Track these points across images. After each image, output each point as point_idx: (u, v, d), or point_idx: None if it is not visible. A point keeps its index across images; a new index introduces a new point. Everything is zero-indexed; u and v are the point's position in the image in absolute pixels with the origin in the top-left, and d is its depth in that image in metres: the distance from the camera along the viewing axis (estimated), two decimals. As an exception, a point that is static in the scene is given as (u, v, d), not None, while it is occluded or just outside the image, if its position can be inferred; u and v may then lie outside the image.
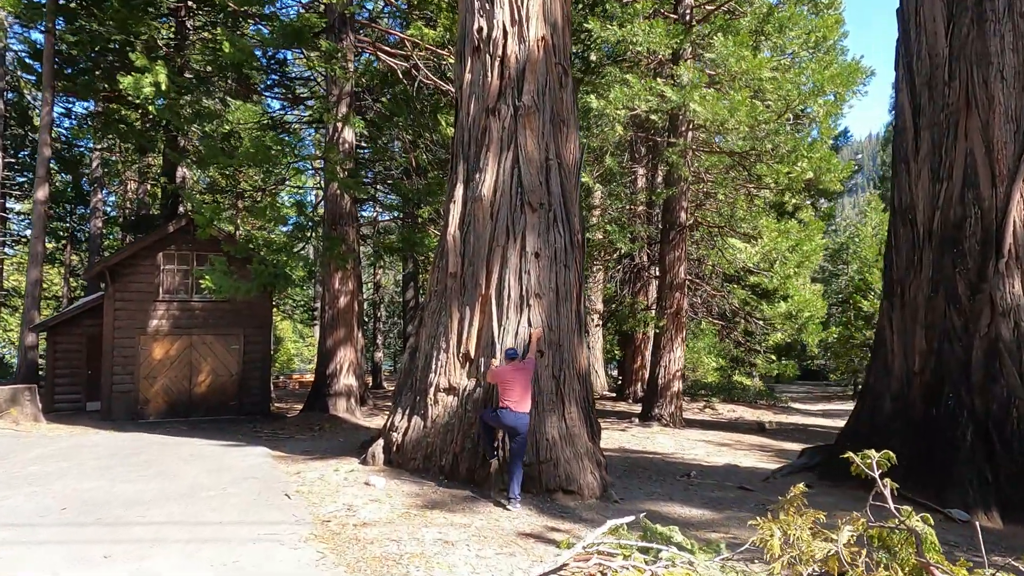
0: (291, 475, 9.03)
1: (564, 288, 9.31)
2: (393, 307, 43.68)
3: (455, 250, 9.50)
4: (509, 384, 8.10)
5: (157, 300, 17.09)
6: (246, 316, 17.71)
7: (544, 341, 8.95)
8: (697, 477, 10.58)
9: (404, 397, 9.80)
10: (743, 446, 15.73)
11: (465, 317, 9.26)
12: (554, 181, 9.53)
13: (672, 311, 18.75)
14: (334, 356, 17.04)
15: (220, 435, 13.82)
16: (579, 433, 9.03)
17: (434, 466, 9.01)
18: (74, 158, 26.10)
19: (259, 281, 13.32)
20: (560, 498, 8.52)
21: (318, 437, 13.86)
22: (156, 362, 17.05)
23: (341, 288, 17.06)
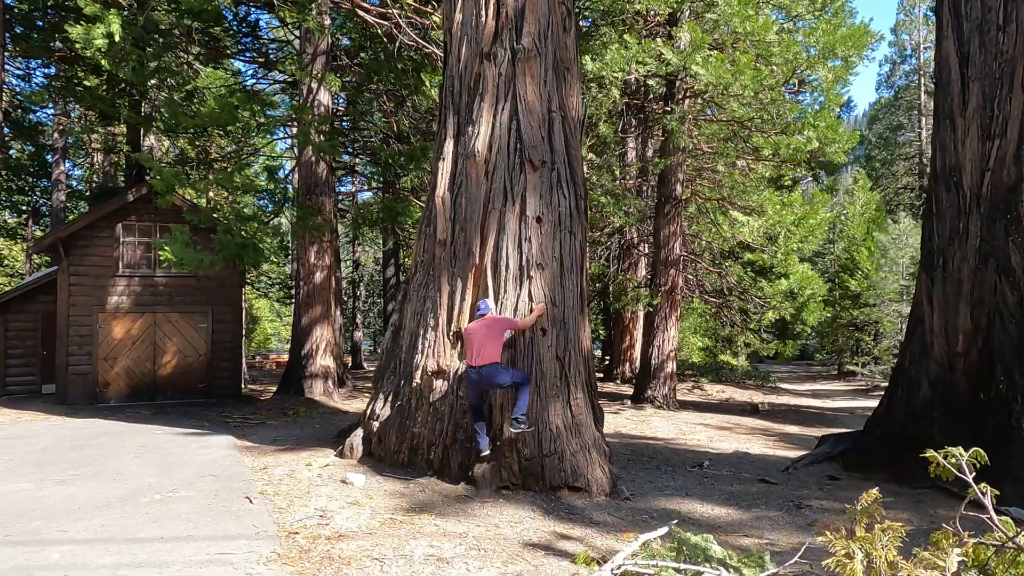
0: (256, 471, 7.74)
1: (569, 258, 8.06)
2: (373, 286, 42.18)
3: (444, 214, 8.20)
4: (469, 339, 7.29)
5: (117, 275, 15.57)
6: (215, 293, 16.26)
7: (547, 318, 7.72)
8: (710, 468, 9.48)
9: (386, 381, 8.53)
10: (744, 430, 14.71)
11: (456, 291, 7.99)
12: (557, 136, 8.24)
13: (667, 288, 17.62)
14: (310, 335, 15.69)
15: (184, 421, 12.46)
16: (586, 422, 7.84)
17: (421, 460, 7.77)
18: (32, 125, 24.03)
19: (225, 253, 11.90)
20: (566, 496, 7.35)
21: (291, 423, 12.55)
22: (116, 342, 15.58)
23: (317, 263, 15.68)
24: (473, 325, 7.33)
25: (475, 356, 7.15)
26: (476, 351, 7.14)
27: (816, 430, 15.43)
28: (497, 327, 7.25)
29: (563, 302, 7.89)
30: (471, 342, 7.22)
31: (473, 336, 7.21)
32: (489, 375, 7.07)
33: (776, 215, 14.90)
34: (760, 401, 20.58)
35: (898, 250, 28.14)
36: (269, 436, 10.71)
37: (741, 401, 22.00)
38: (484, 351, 7.07)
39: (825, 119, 14.93)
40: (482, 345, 7.09)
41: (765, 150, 16.99)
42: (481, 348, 7.09)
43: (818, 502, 7.61)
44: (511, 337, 7.63)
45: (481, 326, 7.22)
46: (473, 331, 7.24)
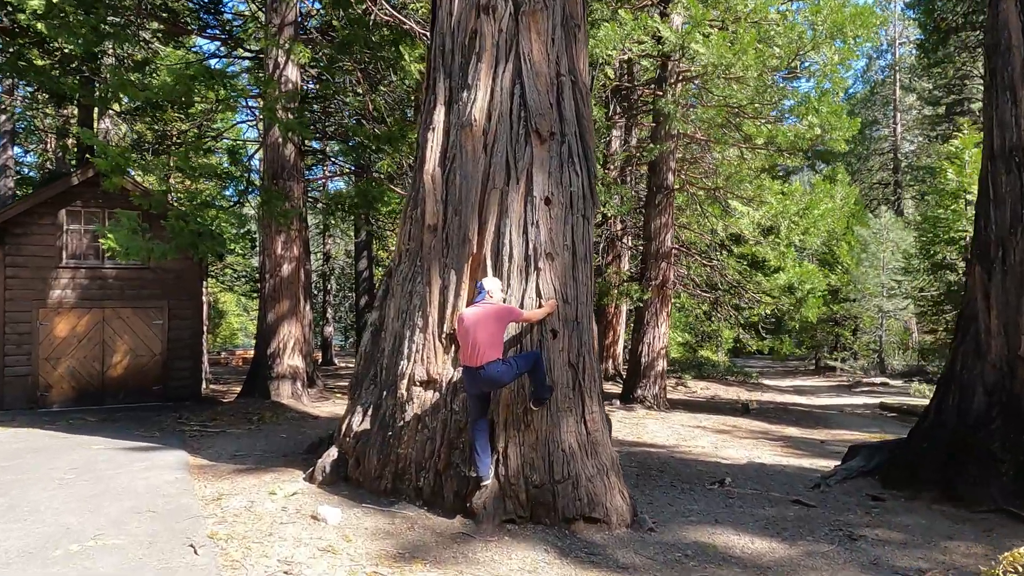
0: (208, 503, 6.30)
1: (582, 246, 6.75)
2: (344, 279, 40.41)
3: (434, 194, 6.82)
4: (463, 332, 5.96)
5: (60, 266, 13.85)
6: (172, 286, 14.62)
7: (558, 317, 6.41)
8: (732, 485, 8.28)
9: (365, 391, 7.13)
10: (744, 433, 13.60)
11: (449, 285, 6.63)
12: (567, 103, 6.92)
13: (657, 283, 16.44)
14: (277, 333, 14.16)
15: (133, 430, 10.90)
16: (602, 439, 6.55)
17: (408, 487, 6.41)
18: None
19: (179, 242, 10.36)
20: (582, 530, 6.06)
21: (255, 432, 11.06)
22: (60, 340, 13.86)
23: (284, 253, 14.14)
24: (469, 315, 5.95)
25: (471, 353, 5.81)
26: (472, 347, 5.80)
27: (817, 432, 14.43)
28: (499, 318, 5.91)
29: (575, 298, 6.58)
30: (466, 336, 5.87)
31: (469, 328, 5.84)
32: (490, 376, 5.76)
33: (779, 204, 13.80)
34: (749, 400, 19.58)
35: (878, 245, 27.46)
36: (228, 449, 9.23)
37: (728, 399, 21.00)
38: (482, 347, 5.74)
39: (828, 104, 13.86)
40: (480, 340, 5.76)
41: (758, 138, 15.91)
42: (479, 343, 5.75)
43: (871, 531, 6.44)
44: (515, 337, 6.31)
45: (479, 316, 5.86)
46: (469, 323, 5.86)
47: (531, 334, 6.33)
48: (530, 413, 6.15)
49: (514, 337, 6.31)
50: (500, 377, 5.79)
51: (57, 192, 13.70)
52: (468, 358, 5.88)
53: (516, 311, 6.09)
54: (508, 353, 6.15)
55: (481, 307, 5.94)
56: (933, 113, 33.97)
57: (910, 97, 37.54)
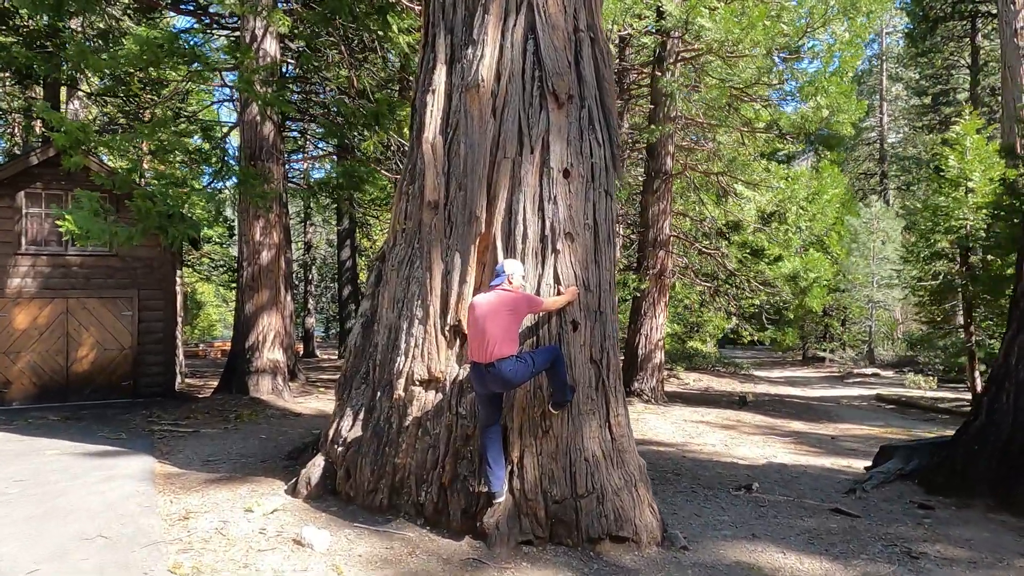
0: (174, 523, 5.33)
1: (605, 225, 5.85)
2: (326, 269, 39.15)
3: (435, 166, 5.87)
4: (473, 322, 5.09)
5: (19, 253, 12.66)
6: (142, 274, 13.48)
7: (579, 306, 5.51)
8: (760, 490, 7.46)
9: (355, 392, 6.18)
10: (750, 429, 12.85)
11: (453, 270, 5.69)
12: (587, 63, 6.00)
13: (655, 272, 15.62)
14: (255, 324, 13.11)
15: (96, 432, 9.85)
16: (628, 446, 5.68)
17: (407, 503, 5.49)
18: None
19: (146, 225, 9.29)
20: (608, 551, 5.19)
21: (232, 432, 10.05)
22: (19, 333, 12.70)
23: (264, 240, 13.07)
24: (481, 303, 5.04)
25: (482, 348, 4.90)
26: (483, 340, 4.89)
27: (823, 426, 13.73)
28: (515, 308, 5.00)
29: (598, 285, 5.69)
30: (476, 327, 4.97)
31: (480, 319, 4.95)
32: (503, 374, 4.85)
33: (788, 188, 13.02)
34: (746, 392, 18.89)
35: (869, 234, 26.91)
36: (201, 453, 8.23)
37: (722, 391, 20.31)
38: (494, 340, 4.84)
39: (837, 84, 13.07)
40: (492, 332, 4.86)
41: (759, 122, 15.13)
42: (490, 336, 4.85)
43: (931, 547, 5.64)
44: (529, 329, 5.41)
45: (492, 305, 4.96)
46: (481, 312, 4.96)
47: (548, 326, 5.43)
48: (549, 417, 5.26)
49: (529, 329, 5.40)
50: (514, 376, 4.89)
51: (14, 173, 12.48)
52: (477, 353, 4.97)
53: (536, 300, 5.17)
54: (523, 348, 5.26)
55: (495, 294, 5.02)
56: (919, 103, 33.51)
57: (896, 87, 37.08)
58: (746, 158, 15.75)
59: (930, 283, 18.56)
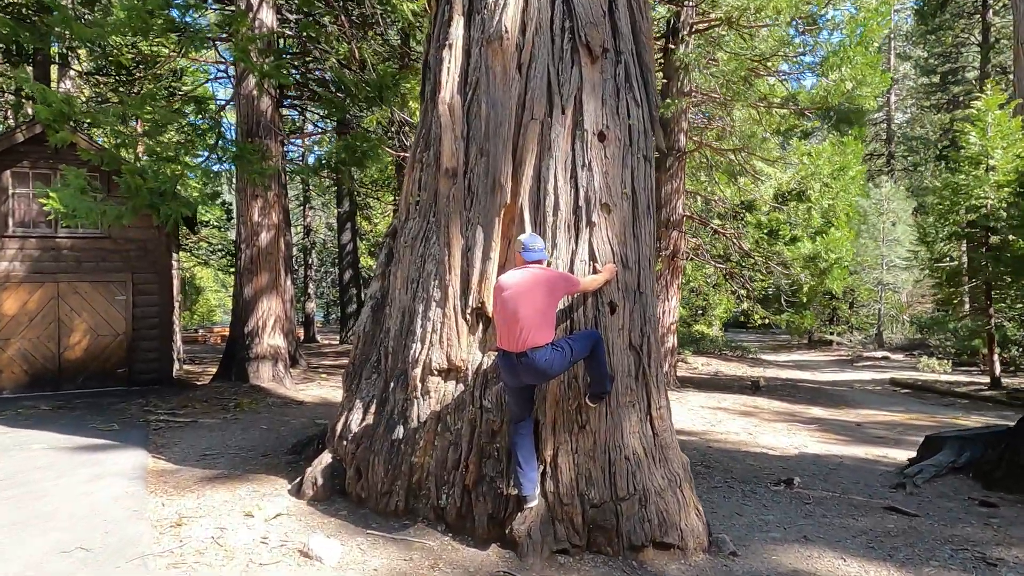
0: (164, 530, 4.71)
1: (644, 195, 5.19)
2: (327, 253, 38.41)
3: (453, 129, 5.19)
4: (502, 305, 4.36)
5: (5, 235, 11.96)
6: (136, 257, 12.80)
7: (617, 286, 4.87)
8: (801, 485, 6.85)
9: (366, 382, 5.54)
10: (770, 415, 12.27)
11: (475, 246, 5.03)
12: (623, 14, 5.30)
13: (668, 253, 14.96)
14: (255, 309, 12.46)
15: (89, 422, 9.23)
16: (671, 441, 5.06)
17: (427, 507, 4.87)
18: None
19: (136, 203, 8.59)
20: (652, 559, 4.59)
21: (231, 422, 9.44)
22: (9, 319, 12.03)
23: (262, 221, 12.38)
24: (511, 283, 4.35)
25: (513, 335, 4.24)
26: (515, 327, 4.23)
27: (843, 412, 13.14)
28: (552, 288, 4.34)
29: (637, 262, 5.03)
30: (506, 310, 4.29)
31: (510, 301, 4.26)
32: (537, 365, 4.20)
33: (812, 163, 12.32)
34: (757, 376, 18.31)
35: (878, 216, 26.24)
36: (198, 446, 7.61)
37: (732, 375, 19.73)
38: (528, 327, 4.19)
39: (863, 54, 12.35)
40: (526, 317, 4.20)
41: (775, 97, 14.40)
42: (524, 322, 4.20)
43: (1007, 552, 5.04)
44: (562, 312, 4.77)
45: (526, 285, 4.28)
46: (512, 294, 4.28)
47: (584, 308, 4.79)
48: (585, 411, 4.63)
49: (562, 312, 4.76)
50: (549, 367, 4.25)
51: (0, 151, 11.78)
52: (507, 340, 4.32)
53: (573, 280, 4.51)
54: (556, 334, 4.62)
55: (529, 273, 4.36)
56: (928, 82, 32.70)
57: (904, 66, 36.21)
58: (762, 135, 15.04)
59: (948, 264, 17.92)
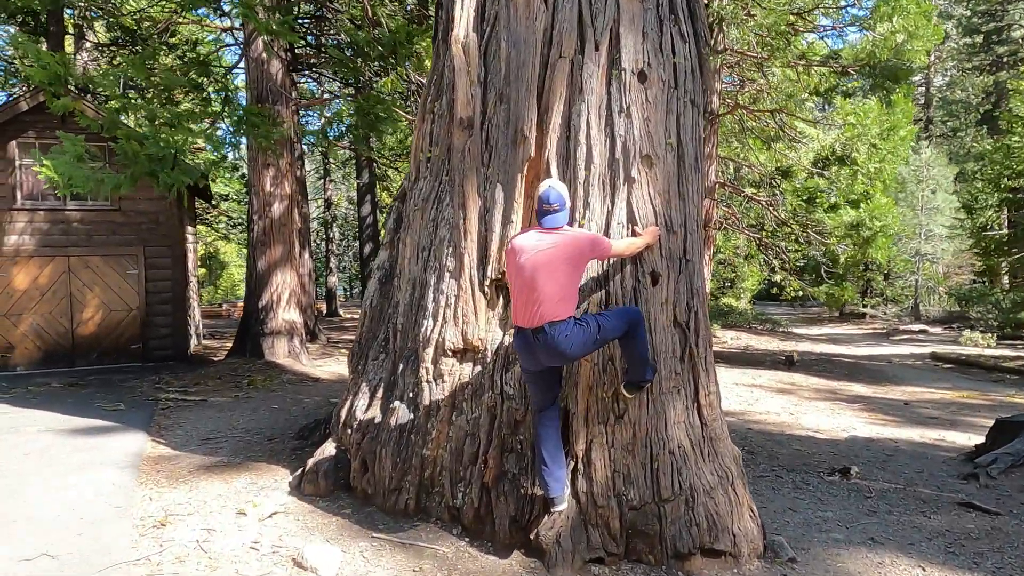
0: (145, 532, 4.13)
1: (692, 146, 4.42)
2: (348, 226, 37.90)
3: (468, 73, 4.44)
4: (518, 272, 3.60)
5: (15, 208, 11.51)
6: (147, 231, 12.29)
7: (659, 252, 4.13)
8: (859, 475, 6.12)
9: (373, 363, 4.89)
10: (810, 392, 11.48)
11: (494, 207, 4.31)
12: (666, -67, 4.48)
13: (699, 222, 14.07)
14: (269, 283, 11.91)
15: (96, 400, 8.78)
16: (722, 431, 4.35)
17: (439, 506, 4.23)
18: None
19: (134, 170, 7.99)
20: (700, 569, 3.91)
21: (242, 401, 8.92)
22: (20, 294, 11.63)
23: (274, 191, 11.78)
24: (527, 246, 3.59)
25: (529, 308, 3.52)
26: (531, 298, 3.50)
27: (887, 389, 12.29)
28: (576, 255, 3.59)
29: (683, 224, 4.28)
30: (521, 278, 3.56)
31: (527, 269, 3.52)
32: (557, 343, 3.46)
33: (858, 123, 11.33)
34: (791, 351, 17.45)
35: (917, 183, 24.92)
36: (203, 429, 7.08)
37: (764, 350, 18.88)
38: (547, 298, 3.46)
39: (915, 3, 11.27)
40: (544, 288, 3.47)
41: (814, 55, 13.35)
42: (542, 293, 3.46)
43: (1117, 560, 4.28)
44: (595, 281, 4.05)
45: (545, 253, 3.52)
46: (529, 260, 3.52)
47: (620, 278, 4.06)
48: (622, 398, 3.93)
49: (594, 282, 4.04)
50: (569, 346, 3.50)
51: (3, 121, 11.25)
52: (522, 315, 3.59)
53: (603, 243, 3.76)
54: (587, 307, 3.91)
55: (550, 238, 3.61)
56: (970, 42, 30.92)
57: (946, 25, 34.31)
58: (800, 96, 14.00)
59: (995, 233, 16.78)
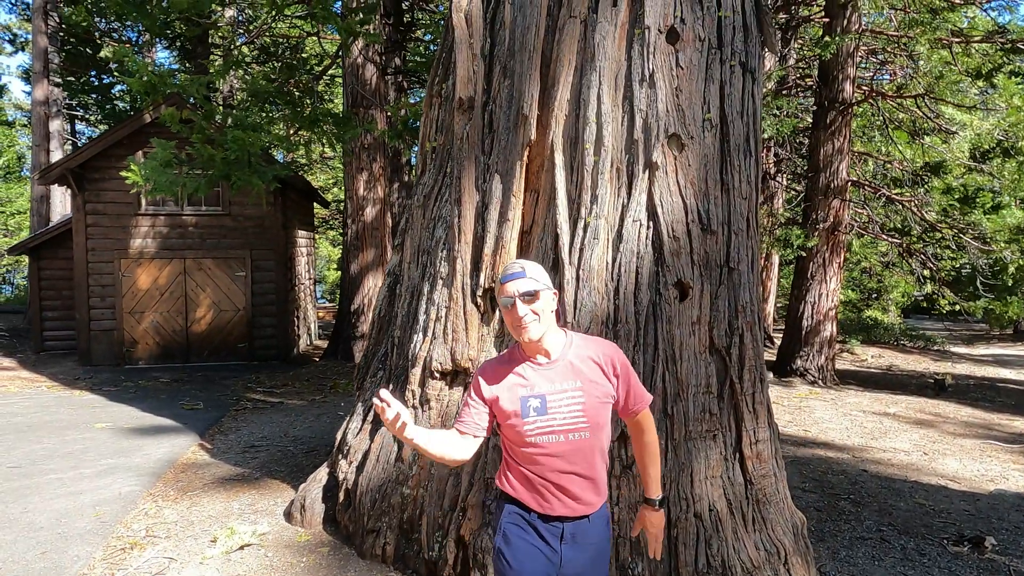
0: (109, 556, 3.79)
1: (741, 123, 3.41)
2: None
3: (470, 46, 3.73)
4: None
5: (139, 214, 12.27)
6: (253, 234, 12.67)
7: (691, 259, 3.18)
8: (998, 548, 4.69)
9: (371, 381, 4.29)
10: (956, 427, 9.54)
11: (491, 203, 3.56)
12: None
13: (826, 226, 12.34)
14: (360, 286, 11.84)
15: (184, 397, 9.01)
16: (775, 490, 3.31)
17: (417, 556, 3.54)
18: (80, 43, 18.94)
19: (213, 174, 8.04)
20: (733, 677, 2.92)
21: (314, 406, 8.76)
22: (142, 293, 12.38)
23: (367, 195, 11.68)
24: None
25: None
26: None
27: (1063, 427, 10.00)
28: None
29: (727, 222, 3.30)
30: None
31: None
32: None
33: None
34: (942, 374, 14.98)
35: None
36: (255, 435, 6.88)
37: (909, 371, 16.39)
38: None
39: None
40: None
41: (974, 32, 11.23)
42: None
43: None
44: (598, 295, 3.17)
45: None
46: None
47: (632, 289, 3.16)
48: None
49: (597, 293, 3.16)
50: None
51: (130, 131, 12.03)
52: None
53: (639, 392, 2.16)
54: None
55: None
56: None
57: None
58: (954, 77, 11.86)
59: None
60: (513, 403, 1.96)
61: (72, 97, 19.70)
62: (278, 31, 18.55)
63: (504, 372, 2.01)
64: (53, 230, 13.94)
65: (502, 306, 1.96)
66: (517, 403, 1.96)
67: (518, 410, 1.96)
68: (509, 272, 1.95)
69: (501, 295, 1.96)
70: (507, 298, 1.92)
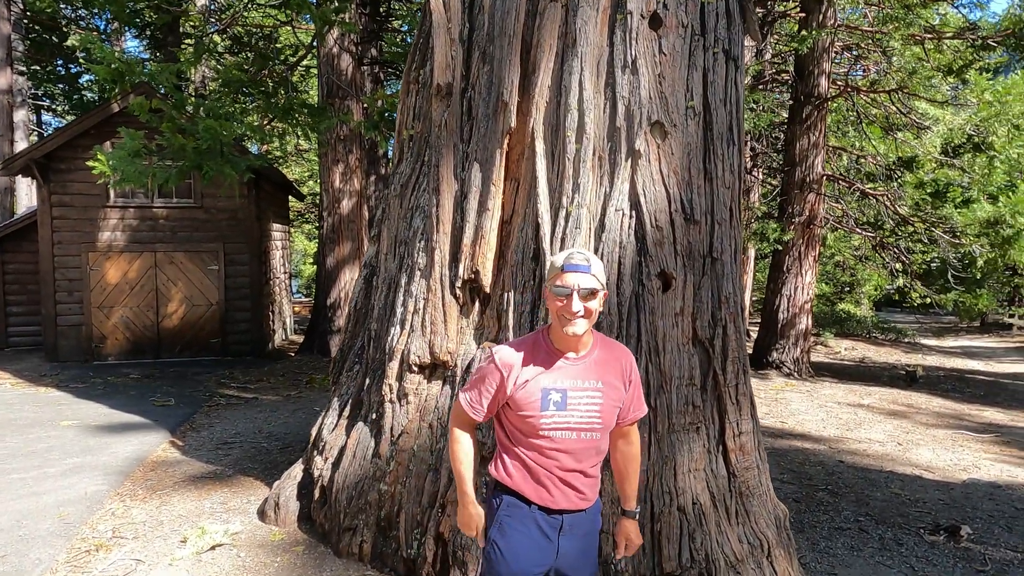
0: (72, 560, 3.64)
1: (724, 111, 3.36)
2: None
3: (447, 31, 3.62)
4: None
5: (108, 206, 11.92)
6: (226, 227, 12.40)
7: (674, 248, 3.12)
8: (974, 537, 4.73)
9: (347, 375, 4.18)
10: (928, 417, 9.68)
11: (470, 192, 3.47)
12: None
13: (802, 220, 12.44)
14: (336, 280, 11.67)
15: (155, 394, 8.78)
16: (757, 483, 3.27)
17: (395, 555, 3.45)
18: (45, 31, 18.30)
19: (183, 165, 7.82)
20: (717, 672, 2.88)
21: (288, 402, 8.60)
22: (112, 287, 12.05)
23: (343, 187, 11.49)
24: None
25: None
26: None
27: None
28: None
29: (710, 211, 3.24)
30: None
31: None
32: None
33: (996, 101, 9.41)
34: (913, 365, 15.22)
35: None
36: (228, 432, 6.71)
37: (882, 363, 16.64)
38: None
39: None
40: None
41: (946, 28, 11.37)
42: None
43: None
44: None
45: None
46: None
47: (615, 280, 3.09)
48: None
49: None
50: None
51: (98, 121, 11.67)
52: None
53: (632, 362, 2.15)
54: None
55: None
56: None
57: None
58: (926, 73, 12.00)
59: None
60: (533, 393, 1.91)
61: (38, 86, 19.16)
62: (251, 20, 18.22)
63: (528, 360, 1.95)
64: (18, 222, 13.53)
65: (553, 293, 1.88)
66: (537, 394, 1.91)
67: (537, 401, 1.91)
68: (573, 262, 1.87)
69: (557, 281, 1.87)
70: (564, 288, 1.85)
